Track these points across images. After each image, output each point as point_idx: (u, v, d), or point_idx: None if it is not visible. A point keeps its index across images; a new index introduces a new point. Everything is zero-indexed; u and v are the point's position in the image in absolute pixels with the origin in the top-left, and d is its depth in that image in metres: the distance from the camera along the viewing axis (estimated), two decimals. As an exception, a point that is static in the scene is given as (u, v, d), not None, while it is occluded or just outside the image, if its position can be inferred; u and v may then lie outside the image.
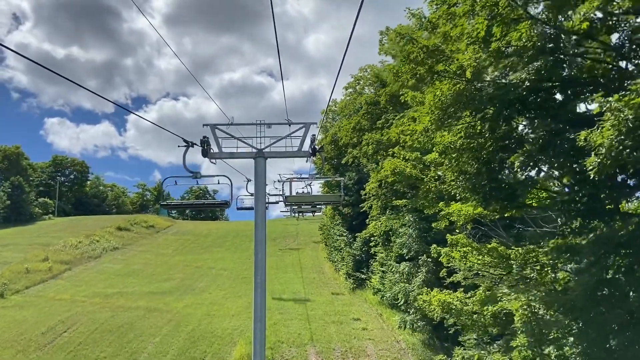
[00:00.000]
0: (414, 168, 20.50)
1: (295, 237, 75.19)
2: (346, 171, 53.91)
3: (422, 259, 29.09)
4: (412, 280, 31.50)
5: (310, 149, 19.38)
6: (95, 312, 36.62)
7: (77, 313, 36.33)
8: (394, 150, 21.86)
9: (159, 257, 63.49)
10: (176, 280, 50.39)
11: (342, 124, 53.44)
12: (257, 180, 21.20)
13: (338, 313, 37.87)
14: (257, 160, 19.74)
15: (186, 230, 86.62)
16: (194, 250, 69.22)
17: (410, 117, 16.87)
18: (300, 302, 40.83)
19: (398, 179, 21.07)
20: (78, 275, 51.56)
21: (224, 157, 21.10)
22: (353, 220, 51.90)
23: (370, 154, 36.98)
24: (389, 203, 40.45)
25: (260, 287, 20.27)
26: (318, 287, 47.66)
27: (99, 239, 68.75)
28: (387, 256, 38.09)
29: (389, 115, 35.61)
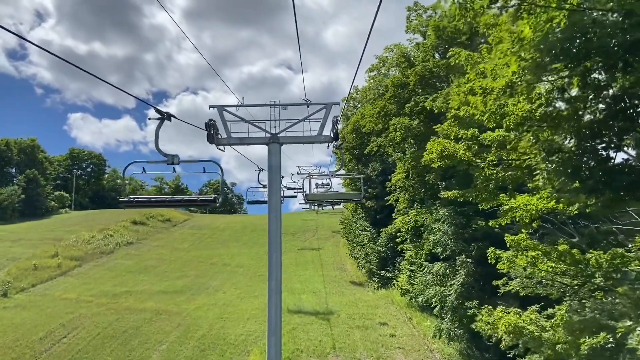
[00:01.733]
0: (468, 150, 16.76)
1: (315, 232, 71.93)
2: (369, 161, 50.32)
3: (461, 260, 25.43)
4: (446, 282, 27.87)
5: (332, 133, 16.93)
6: (100, 315, 33.88)
7: (81, 315, 33.64)
8: (444, 127, 18.01)
9: (173, 252, 60.93)
10: (189, 277, 47.59)
11: (364, 111, 49.76)
12: (271, 170, 18.12)
13: (363, 316, 34.46)
14: (271, 146, 17.22)
15: (203, 224, 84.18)
16: (210, 245, 66.52)
17: (479, 72, 12.99)
18: (320, 304, 37.53)
19: (446, 163, 17.30)
20: (88, 272, 49.13)
21: (233, 143, 17.84)
22: (377, 214, 48.32)
23: (398, 141, 33.30)
24: (417, 195, 36.86)
25: (275, 293, 17.22)
26: (340, 285, 44.32)
27: (113, 233, 66.51)
28: (416, 254, 34.47)
29: (419, 98, 31.81)
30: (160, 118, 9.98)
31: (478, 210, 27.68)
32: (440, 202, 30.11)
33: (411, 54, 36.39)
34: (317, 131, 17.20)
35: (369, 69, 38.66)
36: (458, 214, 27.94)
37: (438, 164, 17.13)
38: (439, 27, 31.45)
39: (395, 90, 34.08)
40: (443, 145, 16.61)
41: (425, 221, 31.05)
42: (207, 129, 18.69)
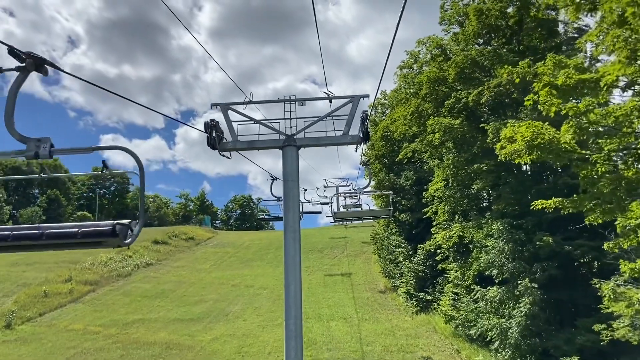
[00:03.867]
0: (577, 134, 11.98)
1: (345, 248, 67.35)
2: (401, 170, 45.84)
3: (524, 285, 20.66)
4: (504, 311, 23.07)
5: (361, 132, 14.09)
6: (105, 350, 30.16)
7: (83, 350, 30.00)
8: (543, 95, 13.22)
9: (194, 273, 57.27)
10: (208, 302, 43.66)
11: (395, 115, 45.41)
12: (286, 179, 14.25)
13: (402, 348, 29.77)
14: (286, 150, 14.29)
15: (227, 242, 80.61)
16: (233, 264, 62.68)
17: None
18: (353, 333, 32.97)
19: (539, 156, 12.51)
20: (101, 297, 45.78)
21: (241, 147, 14.92)
22: (412, 228, 43.63)
23: (437, 144, 28.80)
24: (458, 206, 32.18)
25: (295, 338, 13.56)
26: (373, 309, 39.64)
27: (132, 254, 63.29)
28: (462, 275, 29.66)
29: (461, 93, 27.35)
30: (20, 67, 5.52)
31: (539, 223, 23.08)
32: (492, 215, 25.42)
33: (447, 46, 32.00)
34: (343, 130, 14.33)
35: (399, 66, 34.53)
36: (514, 227, 23.21)
37: (526, 158, 12.43)
38: (481, 11, 27.06)
39: (431, 86, 29.70)
40: (535, 130, 11.90)
41: (474, 237, 26.32)
42: (206, 131, 14.83)
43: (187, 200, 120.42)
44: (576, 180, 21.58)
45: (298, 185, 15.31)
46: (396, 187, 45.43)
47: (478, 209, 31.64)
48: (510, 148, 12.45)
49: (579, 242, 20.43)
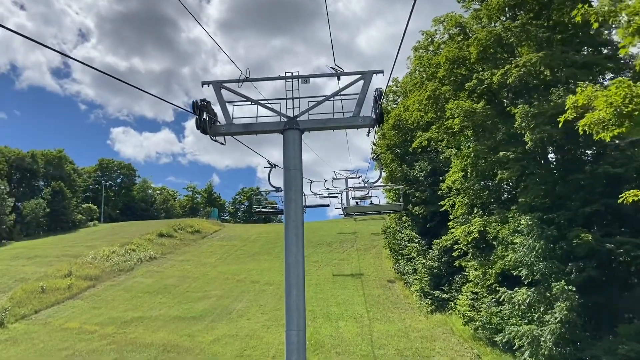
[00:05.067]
0: None
1: (354, 242, 65.06)
2: (415, 161, 43.26)
3: (559, 287, 18.19)
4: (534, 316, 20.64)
5: (374, 114, 12.31)
6: (98, 352, 28.25)
7: (75, 353, 28.12)
8: None
9: (198, 267, 55.35)
10: (212, 299, 41.66)
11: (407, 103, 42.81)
12: (288, 167, 12.32)
13: (417, 353, 27.53)
14: (288, 134, 12.47)
15: (234, 235, 78.64)
16: (239, 258, 60.68)
17: None
18: (364, 334, 30.75)
19: (629, 128, 9.75)
20: (101, 293, 44.02)
21: (236, 131, 13.08)
22: (426, 222, 41.11)
23: (457, 130, 26.30)
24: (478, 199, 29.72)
25: (298, 351, 11.46)
26: (385, 308, 37.38)
27: (136, 247, 61.67)
28: (483, 274, 27.23)
29: (484, 74, 24.77)
30: None
31: (573, 218, 20.59)
32: (518, 208, 22.94)
33: (467, 24, 29.33)
34: (353, 111, 12.44)
35: (414, 47, 31.89)
36: (545, 222, 20.72)
37: (613, 131, 9.69)
38: (507, -18, 24.43)
39: (450, 67, 27.12)
40: (628, 92, 9.14)
41: (498, 233, 23.85)
42: (195, 111, 12.67)
43: (194, 192, 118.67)
44: (618, 169, 19.12)
45: (301, 175, 13.13)
46: (409, 179, 42.95)
47: (499, 202, 29.14)
48: (592, 117, 9.63)
49: (620, 239, 17.99)
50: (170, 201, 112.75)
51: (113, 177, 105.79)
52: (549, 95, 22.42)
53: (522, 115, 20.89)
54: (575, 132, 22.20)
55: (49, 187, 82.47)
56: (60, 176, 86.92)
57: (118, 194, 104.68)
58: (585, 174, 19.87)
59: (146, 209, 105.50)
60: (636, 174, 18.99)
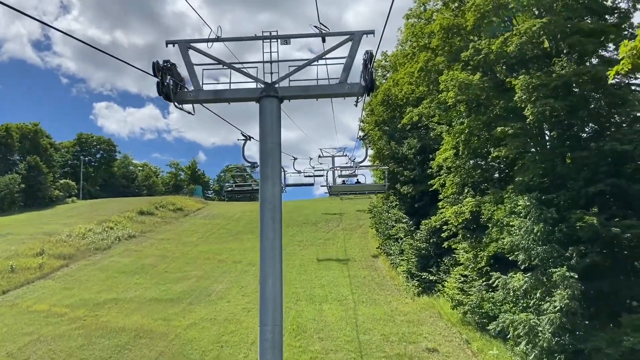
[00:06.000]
0: None
1: (340, 221, 63.68)
2: (404, 138, 41.58)
3: (560, 274, 16.77)
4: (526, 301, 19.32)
5: (364, 80, 10.67)
6: (65, 338, 26.50)
7: (40, 338, 26.36)
8: None
9: (179, 247, 53.57)
10: (191, 280, 40.02)
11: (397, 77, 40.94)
12: (264, 140, 10.76)
13: (403, 338, 26.26)
14: (265, 102, 10.82)
15: (217, 213, 76.85)
16: (222, 237, 58.99)
17: None
18: (349, 318, 29.41)
19: None
20: (74, 273, 42.11)
21: (205, 99, 11.48)
22: (415, 201, 39.66)
23: (451, 104, 24.60)
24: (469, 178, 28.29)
25: (273, 349, 10.07)
26: (371, 290, 36.10)
27: (114, 225, 59.61)
28: (475, 257, 25.89)
29: (481, 44, 22.94)
30: None
31: (575, 199, 19.14)
32: (515, 188, 21.44)
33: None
34: (339, 78, 10.94)
35: (406, 15, 29.92)
36: (544, 203, 19.25)
37: None
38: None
39: (445, 36, 25.23)
40: None
41: (493, 214, 22.38)
42: (155, 74, 10.81)
43: (177, 169, 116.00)
44: (627, 146, 17.62)
45: (279, 150, 11.43)
46: (398, 157, 41.35)
47: (493, 182, 27.69)
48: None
49: (628, 223, 16.60)
50: (152, 178, 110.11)
51: (92, 152, 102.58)
52: (550, 66, 20.74)
53: (523, 87, 19.22)
54: (580, 107, 20.78)
55: (24, 162, 79.44)
56: (36, 151, 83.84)
57: (98, 170, 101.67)
58: (590, 151, 18.36)
59: (127, 185, 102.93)
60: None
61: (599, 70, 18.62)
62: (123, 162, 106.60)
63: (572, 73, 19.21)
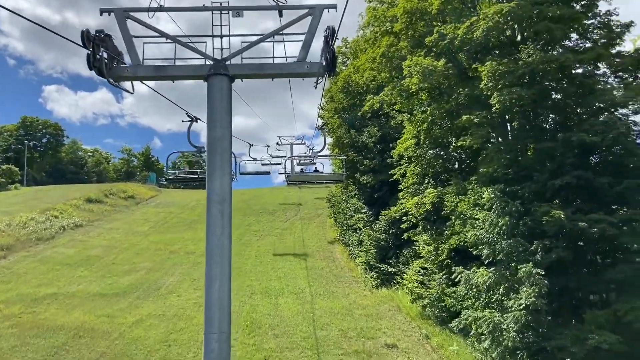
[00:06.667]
0: None
1: (298, 210, 62.47)
2: (364, 126, 40.61)
3: (526, 270, 16.10)
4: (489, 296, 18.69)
5: (325, 59, 9.58)
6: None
7: (-34, 339, 23.90)
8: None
9: (129, 236, 51.00)
10: (140, 272, 37.93)
11: (358, 63, 39.83)
12: (213, 123, 9.61)
13: (362, 333, 25.37)
14: (214, 81, 9.64)
15: (171, 201, 74.23)
16: (175, 226, 56.74)
17: None
18: (305, 313, 28.30)
19: None
20: (12, 265, 39.08)
21: (145, 75, 10.15)
22: (374, 191, 38.90)
23: (413, 91, 23.63)
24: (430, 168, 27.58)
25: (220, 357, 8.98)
26: (328, 283, 35.11)
27: (59, 214, 56.16)
28: (436, 250, 25.22)
29: (446, 28, 21.97)
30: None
31: (541, 192, 18.54)
32: (478, 179, 20.71)
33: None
34: (297, 57, 9.96)
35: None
36: (508, 195, 18.59)
37: None
38: None
39: (408, 20, 24.15)
40: None
41: (457, 206, 21.62)
42: (85, 45, 9.11)
43: (130, 155, 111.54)
44: (595, 138, 17.08)
45: (230, 134, 10.17)
46: (357, 145, 40.40)
47: (455, 172, 27.05)
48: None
49: (595, 217, 16.07)
50: (103, 164, 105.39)
51: (38, 137, 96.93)
52: (516, 54, 20.00)
53: (490, 73, 18.38)
54: (546, 96, 20.18)
55: (-40, 146, 74.06)
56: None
57: (44, 155, 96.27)
58: (557, 142, 17.73)
59: (76, 172, 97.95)
60: (614, 143, 17.03)
61: (567, 58, 18.00)
62: (71, 148, 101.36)
63: (539, 61, 18.50)
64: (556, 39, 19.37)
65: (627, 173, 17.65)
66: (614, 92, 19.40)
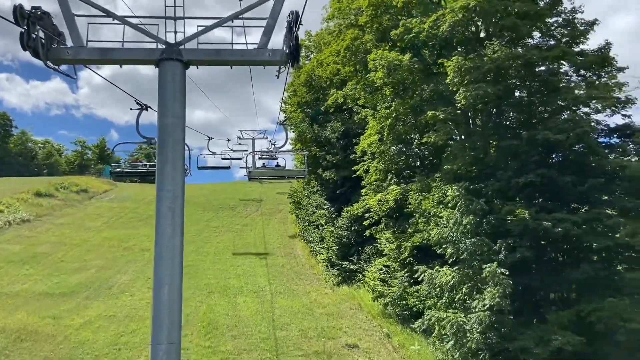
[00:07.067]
0: None
1: (259, 206, 61.35)
2: (327, 121, 39.94)
3: (490, 271, 15.79)
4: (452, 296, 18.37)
5: (289, 47, 8.64)
6: None
7: None
8: None
9: (80, 232, 48.64)
10: (91, 270, 36.08)
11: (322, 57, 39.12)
12: (164, 112, 8.57)
13: (322, 333, 24.73)
14: (166, 66, 8.67)
15: (127, 195, 71.47)
16: (130, 222, 54.58)
17: None
18: (264, 312, 27.43)
19: None
20: (-50, 264, 36.50)
21: (88, 58, 8.98)
22: (337, 187, 38.34)
23: (378, 85, 23.08)
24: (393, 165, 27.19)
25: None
26: (289, 280, 34.34)
27: (5, 208, 53.04)
28: (398, 247, 24.82)
29: (412, 22, 21.49)
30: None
31: (505, 190, 18.32)
32: (442, 177, 20.36)
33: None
34: (258, 43, 9.04)
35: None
36: (472, 193, 18.28)
37: None
38: None
39: (374, 12, 23.55)
40: None
41: (420, 204, 21.22)
42: (18, 22, 7.77)
43: (84, 147, 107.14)
44: (559, 136, 16.94)
45: (183, 125, 9.19)
46: (320, 140, 39.72)
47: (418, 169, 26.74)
48: None
49: (559, 216, 15.94)
50: (54, 156, 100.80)
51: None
52: (482, 50, 19.71)
53: (456, 68, 17.99)
54: (511, 93, 20.01)
55: None
56: None
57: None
58: (521, 140, 17.54)
59: (25, 164, 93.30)
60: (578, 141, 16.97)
61: (533, 55, 17.82)
62: (20, 139, 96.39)
63: (505, 57, 18.24)
64: (522, 35, 19.20)
65: (589, 172, 17.67)
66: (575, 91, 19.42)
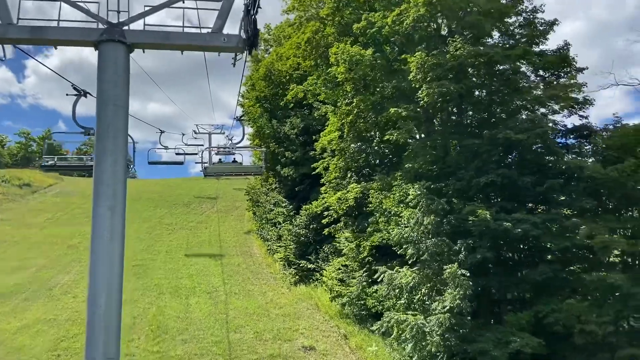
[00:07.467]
0: None
1: (215, 203, 59.73)
2: (286, 117, 39.07)
3: (451, 272, 15.44)
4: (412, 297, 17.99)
5: (245, 32, 7.90)
6: None
7: None
8: None
9: (21, 229, 45.82)
10: (31, 269, 33.85)
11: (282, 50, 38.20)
12: (104, 99, 7.56)
13: (278, 335, 23.93)
14: (107, 48, 7.77)
15: (73, 190, 68.03)
16: (76, 218, 51.77)
17: None
18: (218, 314, 26.35)
19: None
20: None
21: (17, 37, 7.96)
22: (295, 185, 37.56)
23: (340, 80, 22.43)
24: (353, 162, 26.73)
25: None
26: (245, 280, 33.30)
27: (-64, 203, 49.48)
28: (357, 247, 24.31)
29: (375, 16, 20.96)
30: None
31: (465, 189, 18.08)
32: (403, 175, 19.94)
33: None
34: (212, 28, 8.22)
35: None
36: (433, 192, 17.93)
37: None
38: None
39: (335, 5, 22.88)
40: None
41: (381, 203, 20.73)
42: None
43: (28, 139, 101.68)
44: (521, 135, 16.82)
45: (126, 114, 8.12)
46: (279, 136, 38.81)
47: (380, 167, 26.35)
48: None
49: (518, 217, 15.79)
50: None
51: None
52: (445, 47, 19.41)
53: (419, 65, 17.58)
54: (473, 91, 19.81)
55: None
56: None
57: None
58: (483, 139, 17.31)
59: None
60: (539, 140, 16.91)
61: (496, 53, 17.63)
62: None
63: (468, 54, 17.98)
64: (483, 33, 19.02)
65: (547, 172, 17.68)
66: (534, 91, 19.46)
